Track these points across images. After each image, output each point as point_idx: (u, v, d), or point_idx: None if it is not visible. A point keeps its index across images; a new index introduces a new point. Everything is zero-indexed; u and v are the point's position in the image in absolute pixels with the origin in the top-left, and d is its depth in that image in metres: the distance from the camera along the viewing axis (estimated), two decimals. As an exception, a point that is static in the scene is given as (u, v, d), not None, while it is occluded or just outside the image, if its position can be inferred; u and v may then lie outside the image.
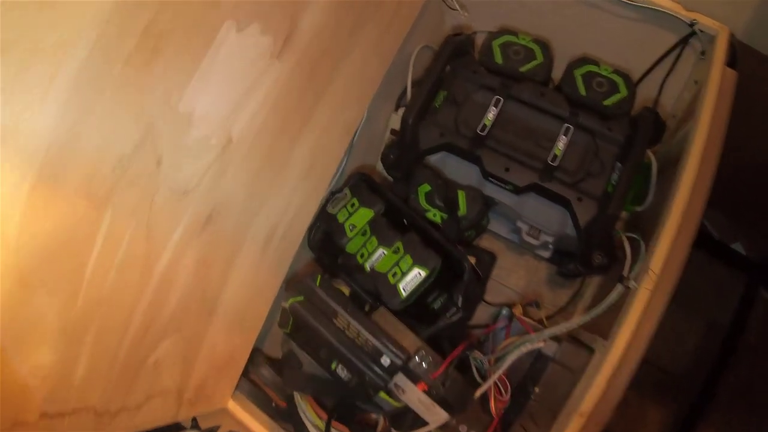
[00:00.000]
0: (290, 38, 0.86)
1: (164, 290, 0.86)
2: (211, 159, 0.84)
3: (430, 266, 1.04)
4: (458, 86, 1.20)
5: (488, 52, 1.21)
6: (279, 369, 1.18)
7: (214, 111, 0.81)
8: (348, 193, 1.16)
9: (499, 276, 1.34)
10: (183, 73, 0.74)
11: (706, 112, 1.05)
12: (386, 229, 1.10)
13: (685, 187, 0.99)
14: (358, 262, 1.11)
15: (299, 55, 0.88)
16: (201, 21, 0.73)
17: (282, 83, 0.88)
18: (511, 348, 1.10)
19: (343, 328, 1.02)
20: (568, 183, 1.09)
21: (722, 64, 1.11)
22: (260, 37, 0.81)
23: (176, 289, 0.88)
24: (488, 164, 1.11)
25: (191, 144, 0.80)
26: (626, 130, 1.13)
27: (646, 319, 0.96)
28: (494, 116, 1.14)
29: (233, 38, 0.78)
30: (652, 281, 0.96)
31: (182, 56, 0.73)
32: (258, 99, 0.86)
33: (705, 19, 1.16)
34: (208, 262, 0.92)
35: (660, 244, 0.96)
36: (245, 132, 0.87)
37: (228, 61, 0.79)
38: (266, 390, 1.16)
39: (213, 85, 0.79)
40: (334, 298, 1.05)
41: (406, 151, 1.16)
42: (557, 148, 1.11)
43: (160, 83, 0.71)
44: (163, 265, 0.84)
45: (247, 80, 0.83)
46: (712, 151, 1.03)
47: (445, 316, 1.09)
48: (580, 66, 1.19)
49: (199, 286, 0.93)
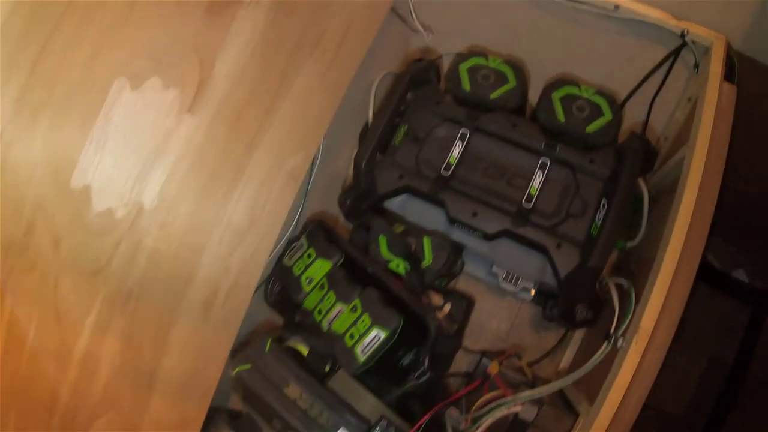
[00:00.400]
0: (203, 88, 0.75)
1: (89, 370, 0.81)
2: (121, 233, 0.76)
3: (390, 327, 0.92)
4: (419, 120, 1.07)
5: (455, 78, 1.08)
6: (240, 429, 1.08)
7: (115, 181, 0.72)
8: (305, 243, 1.05)
9: (479, 319, 1.22)
10: (69, 146, 0.67)
11: (703, 135, 0.92)
12: (345, 283, 0.99)
13: (680, 226, 0.87)
14: (315, 320, 1.00)
15: (218, 106, 0.78)
16: (83, 84, 0.65)
17: (199, 139, 0.77)
18: (487, 411, 0.99)
19: (295, 398, 0.92)
20: (546, 227, 0.97)
21: (719, 78, 0.98)
22: (163, 92, 0.71)
23: (103, 368, 0.82)
24: (453, 209, 0.99)
25: (92, 220, 0.72)
26: (612, 161, 1.00)
27: (636, 383, 0.85)
28: (459, 153, 1.02)
29: (128, 97, 0.69)
30: (643, 341, 0.84)
31: (65, 126, 0.65)
32: (170, 160, 0.76)
33: (697, 28, 1.03)
34: (136, 338, 0.85)
35: (653, 297, 0.84)
36: (159, 198, 0.77)
37: (125, 123, 0.70)
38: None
39: (110, 153, 0.70)
40: (285, 365, 0.95)
41: (363, 195, 1.04)
42: (532, 186, 0.99)
43: (43, 160, 0.65)
44: (82, 347, 0.78)
45: (152, 141, 0.73)
46: (711, 180, 0.90)
47: (412, 377, 0.98)
48: (559, 88, 1.06)
49: (130, 363, 0.86)
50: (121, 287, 0.79)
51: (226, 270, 0.93)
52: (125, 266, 0.77)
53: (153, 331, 0.87)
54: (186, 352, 0.93)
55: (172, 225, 0.80)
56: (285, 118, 0.90)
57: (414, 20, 1.17)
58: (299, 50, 0.88)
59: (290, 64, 0.87)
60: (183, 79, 0.72)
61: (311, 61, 0.91)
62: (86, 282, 0.75)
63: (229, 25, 0.76)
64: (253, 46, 0.80)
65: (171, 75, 0.71)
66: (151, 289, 0.82)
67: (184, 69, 0.72)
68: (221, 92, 0.78)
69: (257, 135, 0.86)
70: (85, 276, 0.74)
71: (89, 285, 0.75)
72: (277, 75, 0.86)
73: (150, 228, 0.78)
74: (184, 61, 0.72)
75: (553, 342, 1.21)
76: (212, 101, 0.77)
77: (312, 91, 0.94)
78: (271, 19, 0.82)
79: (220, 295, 0.95)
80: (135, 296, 0.81)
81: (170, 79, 0.71)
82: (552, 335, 1.21)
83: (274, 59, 0.84)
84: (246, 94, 0.81)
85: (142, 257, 0.79)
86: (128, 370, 0.86)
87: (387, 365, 1.00)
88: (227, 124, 0.80)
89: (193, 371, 0.97)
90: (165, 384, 0.92)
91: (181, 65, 0.72)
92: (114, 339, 0.81)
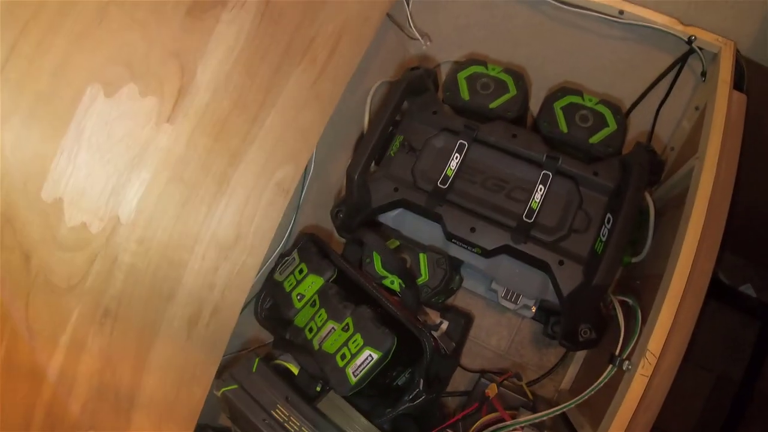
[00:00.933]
0: (184, 97, 0.71)
1: (65, 390, 0.76)
2: (96, 248, 0.71)
3: (383, 348, 0.88)
4: (416, 130, 1.03)
5: (453, 87, 1.04)
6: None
7: (89, 194, 0.68)
8: (296, 258, 1.01)
9: (478, 337, 1.18)
10: (39, 156, 0.62)
11: (713, 146, 0.88)
12: (337, 300, 0.94)
13: (690, 242, 0.82)
14: (306, 338, 0.96)
15: (200, 115, 0.74)
16: (53, 91, 0.61)
17: (179, 150, 0.73)
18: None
19: (284, 420, 0.88)
20: (547, 243, 0.92)
21: (728, 86, 0.94)
22: (140, 100, 0.67)
23: (80, 388, 0.78)
24: (450, 224, 0.94)
25: (65, 235, 0.67)
26: (617, 173, 0.95)
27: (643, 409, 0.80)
28: (457, 164, 0.98)
29: (102, 105, 0.64)
30: (650, 365, 0.79)
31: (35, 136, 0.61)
32: (148, 171, 0.72)
33: (705, 34, 0.99)
34: (115, 357, 0.81)
35: (661, 317, 0.80)
36: (137, 212, 0.73)
37: (99, 133, 0.65)
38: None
39: (83, 164, 0.66)
40: (274, 385, 0.91)
41: (356, 209, 0.99)
42: (533, 200, 0.94)
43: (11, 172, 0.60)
44: (57, 366, 0.74)
45: (129, 152, 0.69)
46: (722, 193, 0.86)
47: (407, 399, 0.93)
48: (561, 97, 1.02)
49: (110, 383, 0.82)
50: (97, 305, 0.74)
51: (211, 287, 0.89)
52: (101, 283, 0.73)
53: (133, 350, 0.83)
54: (169, 372, 0.89)
55: (152, 240, 0.76)
56: (272, 129, 0.86)
57: (411, 27, 1.13)
58: (287, 57, 0.84)
59: (278, 71, 0.83)
60: (161, 87, 0.68)
61: (300, 69, 0.87)
62: (59, 299, 0.70)
63: (211, 29, 0.72)
64: (237, 53, 0.76)
65: (148, 82, 0.67)
66: (130, 307, 0.78)
67: (162, 76, 0.68)
68: (203, 101, 0.73)
69: (242, 146, 0.82)
70: (58, 293, 0.69)
71: (62, 303, 0.71)
72: (264, 83, 0.82)
73: (127, 243, 0.74)
74: (162, 67, 0.67)
75: (555, 360, 1.16)
76: (193, 110, 0.73)
77: (301, 100, 0.90)
78: (257, 25, 0.78)
79: (204, 312, 0.91)
80: (112, 314, 0.76)
81: (148, 86, 0.67)
82: (553, 353, 1.17)
83: (260, 66, 0.80)
84: (230, 103, 0.77)
85: (119, 274, 0.75)
86: (107, 390, 0.82)
87: (380, 386, 0.96)
88: (210, 135, 0.76)
89: (177, 392, 0.93)
90: (147, 405, 0.88)
91: (160, 72, 0.67)
92: (91, 358, 0.77)
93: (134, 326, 0.81)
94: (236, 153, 0.81)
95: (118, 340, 0.79)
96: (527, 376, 1.17)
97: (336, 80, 0.93)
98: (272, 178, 0.89)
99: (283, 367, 0.99)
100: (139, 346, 0.83)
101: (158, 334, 0.85)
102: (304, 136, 0.92)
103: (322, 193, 1.14)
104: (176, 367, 0.91)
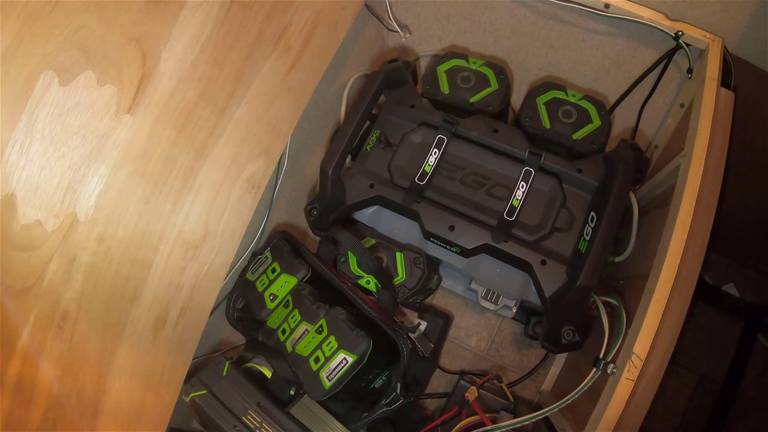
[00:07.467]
0: (146, 86, 0.66)
1: (24, 398, 0.72)
2: (52, 248, 0.67)
3: (358, 351, 0.84)
4: (393, 124, 1.00)
5: (432, 80, 1.01)
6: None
7: (43, 189, 0.63)
8: (269, 256, 0.97)
9: (458, 338, 1.15)
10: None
11: (700, 144, 0.85)
12: (310, 301, 0.91)
13: (677, 242, 0.80)
14: (279, 340, 0.92)
15: (163, 106, 0.69)
16: (2, 78, 0.56)
17: (141, 143, 0.69)
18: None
19: (255, 427, 0.85)
20: (529, 242, 0.89)
21: (716, 83, 0.91)
22: (97, 89, 0.62)
23: (40, 396, 0.74)
24: (428, 222, 0.90)
25: (19, 233, 0.63)
26: (601, 171, 0.93)
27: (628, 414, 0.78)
28: (436, 160, 0.94)
29: (56, 94, 0.60)
30: (636, 369, 0.76)
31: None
32: (107, 165, 0.67)
33: (692, 30, 0.96)
34: (76, 363, 0.77)
35: (647, 320, 0.77)
36: (96, 208, 0.69)
37: (53, 123, 0.61)
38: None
39: (37, 157, 0.61)
40: (245, 390, 0.88)
41: (331, 206, 0.96)
42: (515, 197, 0.91)
43: None
44: (15, 371, 0.69)
45: (86, 145, 0.64)
46: (709, 192, 0.84)
47: (384, 403, 0.90)
48: (544, 92, 0.99)
49: (72, 387, 0.78)
50: (55, 308, 0.70)
51: (178, 287, 0.85)
52: (59, 284, 0.69)
53: (96, 354, 0.78)
54: (135, 377, 0.85)
55: (113, 238, 0.72)
56: (242, 121, 0.81)
57: (390, 19, 1.09)
58: (259, 46, 0.80)
59: (248, 60, 0.79)
60: (121, 75, 0.64)
61: (273, 58, 0.83)
62: (14, 302, 0.66)
63: (176, 15, 0.68)
64: (204, 40, 0.71)
65: (107, 69, 0.62)
66: (91, 309, 0.74)
67: (122, 63, 0.63)
68: (167, 90, 0.69)
69: (210, 139, 0.78)
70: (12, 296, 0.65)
71: (18, 306, 0.66)
72: (233, 73, 0.77)
73: (86, 242, 0.69)
74: (122, 54, 0.63)
75: (536, 361, 1.14)
76: (156, 100, 0.68)
77: (274, 91, 0.85)
78: (226, 10, 0.73)
79: (172, 314, 0.87)
80: (72, 317, 0.72)
81: (106, 73, 0.62)
82: (534, 353, 1.14)
83: (229, 55, 0.75)
84: (196, 94, 0.73)
85: (77, 274, 0.70)
86: (69, 397, 0.77)
87: (356, 390, 0.93)
88: (174, 126, 0.72)
89: (144, 396, 0.90)
90: (113, 411, 0.84)
91: (119, 58, 0.63)
92: (50, 364, 0.73)
93: (96, 329, 0.77)
94: (203, 146, 0.77)
95: (79, 344, 0.75)
96: (508, 377, 1.14)
97: (311, 71, 0.89)
98: (242, 173, 0.85)
99: (256, 370, 0.95)
100: (102, 349, 0.79)
101: (122, 337, 0.81)
102: (277, 129, 0.88)
103: (297, 189, 1.10)
104: (143, 371, 0.87)
